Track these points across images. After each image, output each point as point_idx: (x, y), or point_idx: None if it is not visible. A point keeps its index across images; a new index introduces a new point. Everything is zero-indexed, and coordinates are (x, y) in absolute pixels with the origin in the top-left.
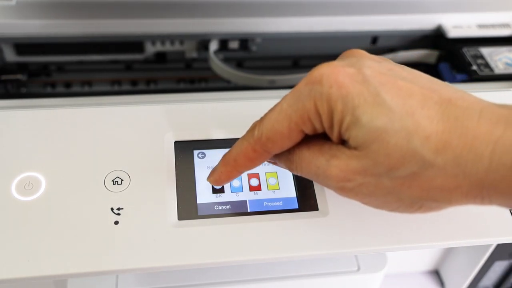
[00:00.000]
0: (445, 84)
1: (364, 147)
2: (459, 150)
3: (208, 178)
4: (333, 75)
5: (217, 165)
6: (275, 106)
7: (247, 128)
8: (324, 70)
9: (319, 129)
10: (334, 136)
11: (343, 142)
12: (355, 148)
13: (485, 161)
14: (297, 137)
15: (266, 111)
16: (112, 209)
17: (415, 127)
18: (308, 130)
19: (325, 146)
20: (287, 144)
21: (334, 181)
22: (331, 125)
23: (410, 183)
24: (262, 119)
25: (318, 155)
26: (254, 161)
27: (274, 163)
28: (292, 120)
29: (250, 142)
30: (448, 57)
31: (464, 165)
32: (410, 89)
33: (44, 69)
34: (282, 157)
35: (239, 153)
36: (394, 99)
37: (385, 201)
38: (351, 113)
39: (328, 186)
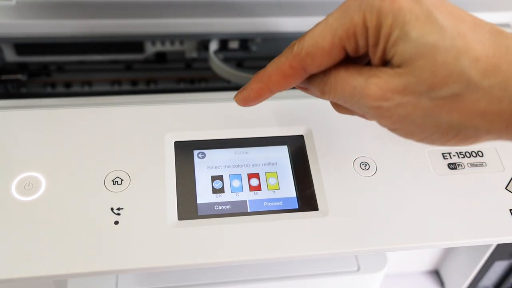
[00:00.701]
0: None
1: (409, 63)
2: (509, 75)
3: (236, 97)
4: None
5: (248, 83)
6: (321, 21)
7: (248, 128)
8: None
9: (362, 48)
10: (378, 54)
11: (384, 64)
12: (398, 66)
13: None
14: (338, 55)
15: (266, 111)
16: (112, 209)
17: (465, 47)
18: (350, 47)
19: (365, 68)
20: (326, 62)
21: (371, 100)
22: (377, 41)
23: (451, 105)
24: (304, 35)
25: (356, 75)
26: (289, 79)
27: (306, 89)
28: (337, 34)
29: (288, 58)
30: None
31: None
32: (462, 15)
33: (44, 69)
34: (316, 79)
35: (274, 69)
36: (447, 20)
37: (420, 125)
38: (400, 28)
39: (362, 107)
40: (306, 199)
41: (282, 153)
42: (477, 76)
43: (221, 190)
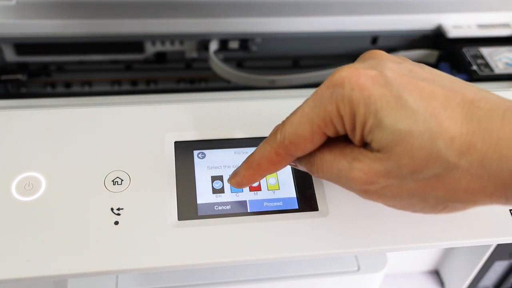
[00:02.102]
0: (466, 83)
1: (388, 149)
2: (484, 151)
3: (230, 181)
4: (355, 77)
5: (239, 168)
6: (296, 110)
7: (248, 128)
8: (345, 72)
9: (341, 132)
10: (356, 138)
11: (365, 144)
12: (378, 151)
13: (510, 162)
14: (319, 140)
15: (266, 111)
16: (112, 209)
17: (439, 129)
18: (330, 132)
19: (347, 149)
20: (310, 147)
21: (357, 184)
22: (354, 128)
23: (434, 185)
24: (284, 123)
25: (340, 158)
26: (277, 165)
27: (295, 166)
28: (315, 123)
29: (273, 146)
30: (448, 57)
31: (489, 166)
32: (432, 91)
33: (44, 69)
34: (303, 160)
35: (262, 157)
36: (417, 101)
37: (410, 202)
38: (374, 116)
39: (351, 189)
40: (306, 199)
41: None
42: (454, 157)
43: (221, 190)
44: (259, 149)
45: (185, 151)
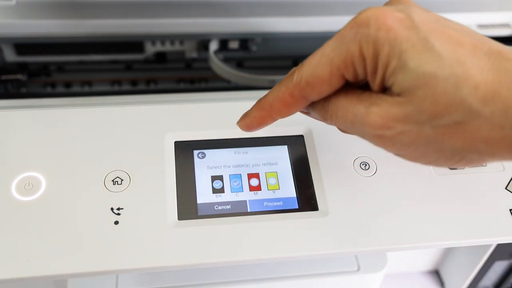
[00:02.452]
0: (491, 39)
1: (409, 93)
2: (508, 101)
3: (239, 123)
4: (382, 18)
5: (249, 110)
6: (317, 51)
7: None
8: (372, 12)
9: (361, 75)
10: (376, 82)
11: (384, 90)
12: (398, 95)
13: None
14: (337, 83)
15: None
16: (112, 209)
17: (464, 75)
18: (349, 75)
19: (364, 94)
20: (326, 90)
21: (373, 128)
22: (375, 70)
23: (453, 133)
24: (302, 64)
25: (356, 103)
26: (291, 107)
27: (307, 113)
28: (334, 64)
29: (288, 87)
30: None
31: None
32: (460, 38)
33: (44, 69)
34: (317, 105)
35: (275, 98)
36: (444, 46)
37: (425, 151)
38: (398, 57)
39: (365, 135)
40: (306, 199)
41: (282, 153)
42: (477, 104)
43: (221, 190)
44: (273, 89)
45: (185, 151)
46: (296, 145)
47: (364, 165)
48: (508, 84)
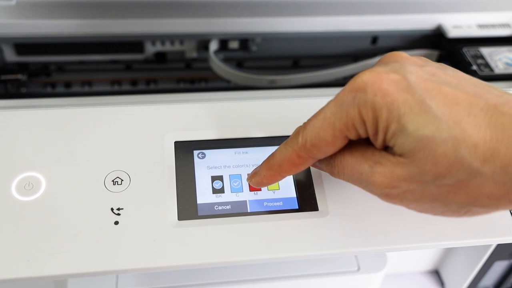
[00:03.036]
0: (489, 86)
1: (410, 155)
2: (507, 158)
3: (249, 180)
4: (377, 82)
5: (259, 168)
6: (318, 113)
7: (248, 128)
8: (368, 77)
9: (363, 135)
10: (378, 142)
11: (386, 148)
12: (400, 155)
13: None
14: (341, 143)
15: (266, 111)
16: (112, 209)
17: (462, 136)
18: (352, 136)
19: (368, 152)
20: (331, 150)
21: (379, 187)
22: (376, 132)
23: (457, 190)
24: (305, 125)
25: (361, 161)
26: (299, 166)
27: (316, 167)
28: (336, 128)
29: (295, 149)
30: (448, 57)
31: None
32: (455, 96)
33: (44, 69)
34: (324, 162)
35: (283, 159)
36: (440, 107)
37: (431, 206)
38: (397, 121)
39: (372, 192)
40: (306, 199)
41: None
42: (477, 164)
43: (221, 190)
44: (280, 150)
45: (185, 151)
46: None
47: None
48: (505, 141)
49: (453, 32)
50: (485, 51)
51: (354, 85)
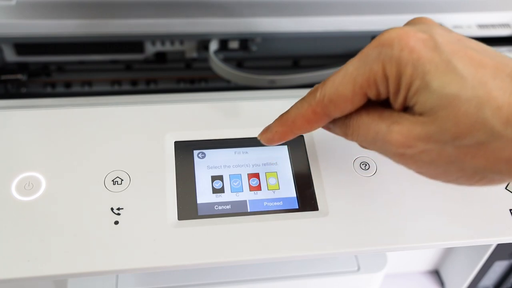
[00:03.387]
0: None
1: (431, 113)
2: None
3: (260, 136)
4: (405, 39)
5: (271, 124)
6: (340, 69)
7: (248, 128)
8: (396, 33)
9: (384, 94)
10: (399, 101)
11: (405, 109)
12: (420, 114)
13: None
14: (359, 101)
15: (266, 111)
16: (112, 209)
17: (487, 97)
18: (372, 94)
19: (386, 112)
20: (349, 108)
21: (394, 146)
22: (398, 90)
23: (475, 153)
24: (324, 82)
25: (378, 121)
26: (313, 124)
27: (329, 129)
28: (357, 83)
29: (311, 104)
30: None
31: None
32: (481, 60)
33: (44, 69)
34: (338, 122)
35: (298, 114)
36: (466, 68)
37: (446, 170)
38: (421, 78)
39: (386, 153)
40: (306, 199)
41: (282, 153)
42: (500, 126)
43: (221, 190)
44: (296, 106)
45: (185, 151)
46: (296, 145)
47: (364, 165)
48: None
49: None
50: None
51: (380, 40)
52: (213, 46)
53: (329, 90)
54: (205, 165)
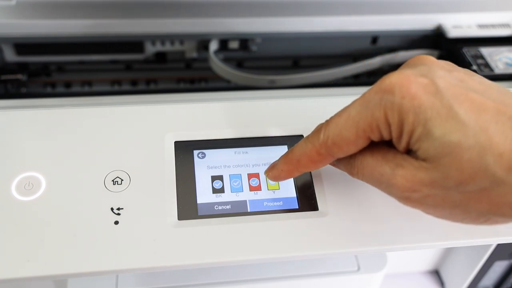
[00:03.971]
0: None
1: (434, 160)
2: None
3: (267, 173)
4: (406, 85)
5: (277, 162)
6: (342, 111)
7: (248, 128)
8: (396, 79)
9: (386, 137)
10: (402, 146)
11: (408, 152)
12: (424, 160)
13: None
14: (363, 144)
15: (266, 111)
16: (112, 209)
17: (489, 143)
18: (375, 137)
19: (389, 154)
20: (352, 150)
21: (399, 191)
22: (400, 135)
23: (479, 198)
24: (328, 123)
25: (382, 163)
26: (317, 164)
27: (334, 165)
28: (360, 128)
29: (315, 145)
30: (448, 57)
31: None
32: (483, 103)
33: (44, 69)
34: (343, 161)
35: (302, 154)
36: (468, 113)
37: (451, 213)
38: (423, 125)
39: (392, 195)
40: (306, 199)
41: (282, 153)
42: (502, 172)
43: (221, 190)
44: (300, 145)
45: (185, 151)
46: None
47: None
48: None
49: (453, 32)
50: (485, 51)
51: (381, 86)
52: (213, 46)
53: (332, 132)
54: (205, 165)
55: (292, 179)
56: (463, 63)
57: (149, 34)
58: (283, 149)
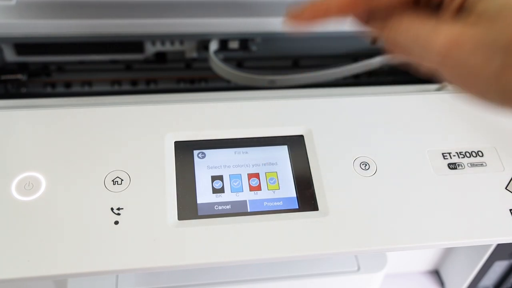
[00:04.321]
0: None
1: (488, 15)
2: None
3: (287, 13)
4: None
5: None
6: None
7: (248, 128)
8: None
9: None
10: (455, 2)
11: (459, 12)
12: (479, 16)
13: None
14: None
15: (266, 111)
16: (112, 209)
17: None
18: None
19: (432, 17)
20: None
21: (440, 50)
22: None
23: None
24: None
25: (423, 19)
26: (348, 6)
27: (366, 24)
28: None
29: None
30: None
31: None
32: None
33: (44, 69)
34: (378, 20)
35: None
36: None
37: (478, 83)
38: None
39: (424, 59)
40: (306, 199)
41: (282, 153)
42: None
43: (221, 190)
44: None
45: (185, 151)
46: (296, 145)
47: (364, 165)
48: None
49: None
50: None
51: None
52: (213, 46)
53: None
54: (205, 165)
55: (292, 179)
56: None
57: (149, 34)
58: (283, 149)
